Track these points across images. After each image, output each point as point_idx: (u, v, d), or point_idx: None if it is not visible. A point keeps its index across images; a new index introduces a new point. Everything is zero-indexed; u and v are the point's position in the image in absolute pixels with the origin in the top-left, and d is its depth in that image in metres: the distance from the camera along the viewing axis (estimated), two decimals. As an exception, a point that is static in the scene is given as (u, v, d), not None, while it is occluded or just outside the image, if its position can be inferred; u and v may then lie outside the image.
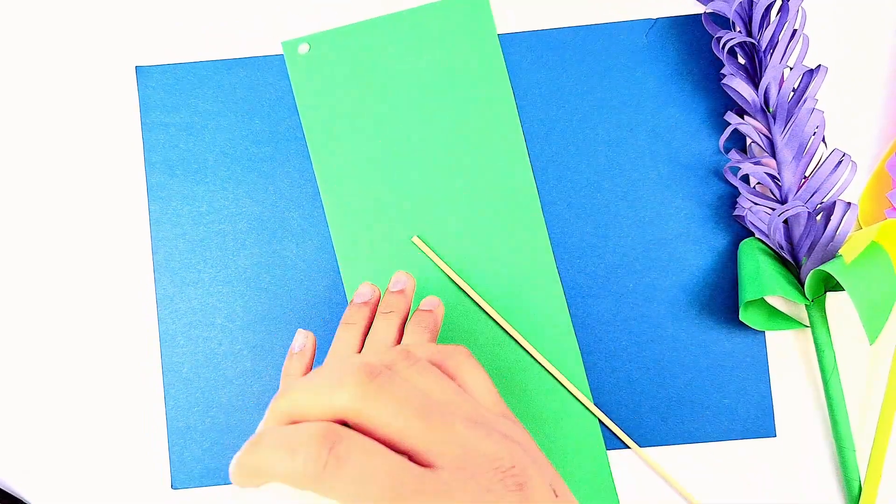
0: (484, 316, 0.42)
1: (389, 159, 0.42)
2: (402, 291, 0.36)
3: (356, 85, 0.42)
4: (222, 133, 0.42)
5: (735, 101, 0.42)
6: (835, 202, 0.37)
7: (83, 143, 0.43)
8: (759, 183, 0.42)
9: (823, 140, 0.39)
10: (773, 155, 0.40)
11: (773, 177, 0.40)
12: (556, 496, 0.27)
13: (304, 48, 0.42)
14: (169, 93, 0.42)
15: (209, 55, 0.43)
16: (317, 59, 0.42)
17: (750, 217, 0.40)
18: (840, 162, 0.38)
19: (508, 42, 0.43)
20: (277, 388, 0.42)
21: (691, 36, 0.43)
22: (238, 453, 0.25)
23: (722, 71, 0.40)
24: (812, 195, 0.39)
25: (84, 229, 0.43)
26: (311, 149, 0.42)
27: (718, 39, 0.40)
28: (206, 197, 0.42)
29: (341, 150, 0.42)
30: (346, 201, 0.42)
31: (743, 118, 0.40)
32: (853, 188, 0.42)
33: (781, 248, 0.40)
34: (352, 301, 0.36)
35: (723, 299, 0.42)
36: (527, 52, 0.42)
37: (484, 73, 0.42)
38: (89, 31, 0.43)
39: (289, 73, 0.42)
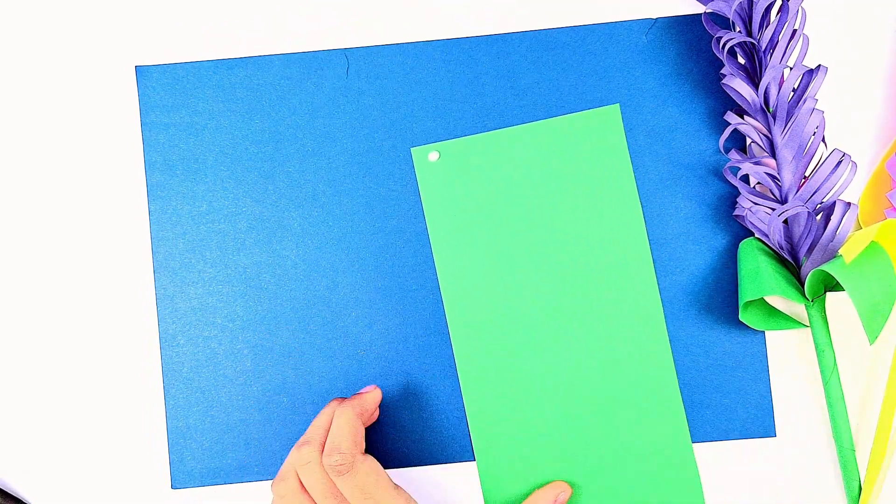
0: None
1: (512, 265, 0.42)
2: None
3: (483, 193, 0.42)
4: (222, 133, 0.42)
5: (735, 101, 0.42)
6: (835, 202, 0.37)
7: (83, 143, 0.43)
8: (758, 183, 0.42)
9: (823, 140, 0.39)
10: (773, 155, 0.40)
11: (772, 177, 0.40)
12: None
13: (434, 156, 0.42)
14: (169, 92, 0.42)
15: (209, 55, 0.43)
16: (446, 166, 0.42)
17: (750, 217, 0.40)
18: (840, 162, 0.38)
19: (508, 41, 0.42)
20: (276, 386, 0.42)
21: (691, 36, 0.42)
22: None
23: (722, 71, 0.40)
24: (812, 195, 0.39)
25: (84, 229, 0.43)
26: (435, 254, 0.42)
27: (718, 39, 0.40)
28: (206, 196, 0.42)
29: (465, 254, 0.42)
30: (468, 311, 0.42)
31: (743, 118, 0.40)
32: (853, 188, 0.42)
33: (781, 248, 0.40)
34: None
35: (722, 299, 0.42)
36: (527, 52, 0.42)
37: (612, 186, 0.42)
38: (89, 31, 0.43)
39: (417, 179, 0.42)
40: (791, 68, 0.38)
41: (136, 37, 0.43)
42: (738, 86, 0.39)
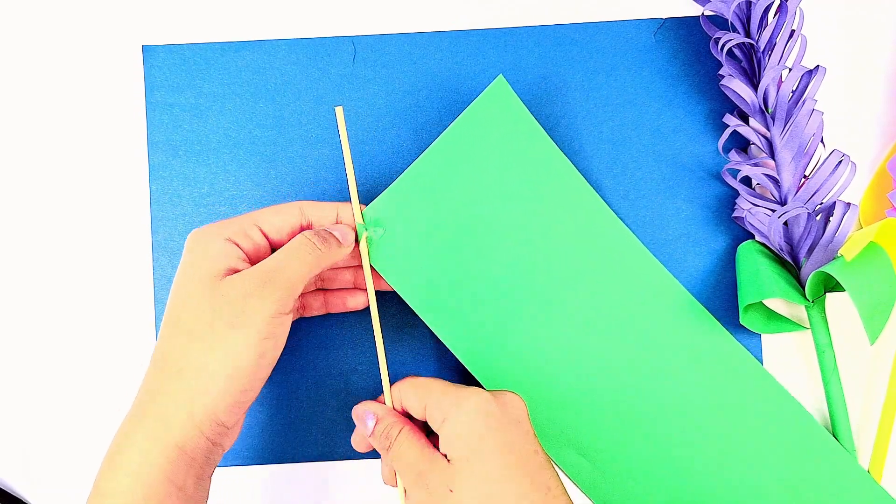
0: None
1: (498, 284, 0.40)
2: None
3: (438, 230, 0.39)
4: (226, 115, 0.42)
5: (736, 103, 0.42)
6: (834, 203, 0.37)
7: (88, 121, 0.43)
8: (757, 184, 0.42)
9: (822, 141, 0.39)
10: (773, 156, 0.40)
11: (772, 178, 0.40)
12: None
13: (378, 233, 0.38)
14: (175, 73, 0.42)
15: (217, 37, 0.43)
16: (389, 238, 0.38)
17: (749, 219, 0.40)
18: (840, 162, 0.38)
19: (516, 35, 0.43)
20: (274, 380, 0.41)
21: (699, 37, 0.43)
22: None
23: (720, 72, 0.41)
24: (812, 196, 0.39)
25: (85, 207, 0.42)
26: (421, 314, 0.39)
27: (717, 40, 0.40)
28: (207, 178, 0.42)
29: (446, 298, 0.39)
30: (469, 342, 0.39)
31: (747, 122, 0.40)
32: (853, 189, 0.42)
33: (781, 249, 0.40)
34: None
35: (721, 301, 0.42)
36: (534, 47, 0.43)
37: (540, 160, 0.40)
38: (98, 9, 0.43)
39: (371, 261, 0.38)
40: (790, 69, 0.38)
41: (144, 16, 0.43)
42: (737, 87, 0.39)
